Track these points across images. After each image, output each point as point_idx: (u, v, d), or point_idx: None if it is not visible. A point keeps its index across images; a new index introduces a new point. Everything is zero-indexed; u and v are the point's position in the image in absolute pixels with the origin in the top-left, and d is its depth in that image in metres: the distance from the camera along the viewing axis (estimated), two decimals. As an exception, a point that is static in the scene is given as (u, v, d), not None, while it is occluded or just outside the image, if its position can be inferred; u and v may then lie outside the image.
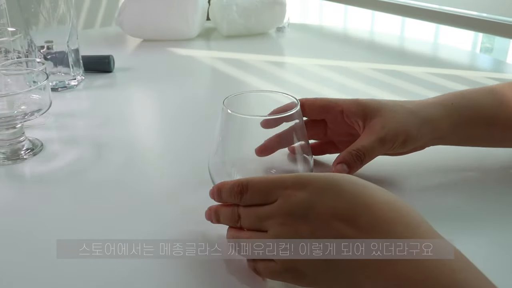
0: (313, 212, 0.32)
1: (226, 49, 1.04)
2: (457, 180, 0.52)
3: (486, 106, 0.50)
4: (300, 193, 0.33)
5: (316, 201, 0.33)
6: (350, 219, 0.32)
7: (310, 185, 0.33)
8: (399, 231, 0.31)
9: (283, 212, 0.34)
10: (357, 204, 0.32)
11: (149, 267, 0.39)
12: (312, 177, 0.34)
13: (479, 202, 0.48)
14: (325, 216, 0.32)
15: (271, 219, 0.34)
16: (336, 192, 0.33)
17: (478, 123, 0.49)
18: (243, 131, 0.42)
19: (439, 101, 0.50)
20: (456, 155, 0.55)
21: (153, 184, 0.53)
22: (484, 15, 1.22)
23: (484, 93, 0.51)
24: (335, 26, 1.37)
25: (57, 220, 0.46)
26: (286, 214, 0.33)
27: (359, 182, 0.34)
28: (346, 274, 0.32)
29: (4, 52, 0.71)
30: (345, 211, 0.32)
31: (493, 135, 0.51)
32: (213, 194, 0.39)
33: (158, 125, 0.70)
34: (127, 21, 1.06)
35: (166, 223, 0.46)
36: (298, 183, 0.34)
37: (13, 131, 0.56)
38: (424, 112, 0.48)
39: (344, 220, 0.32)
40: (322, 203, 0.33)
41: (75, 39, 0.80)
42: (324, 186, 0.33)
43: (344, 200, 0.33)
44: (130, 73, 0.89)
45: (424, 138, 0.48)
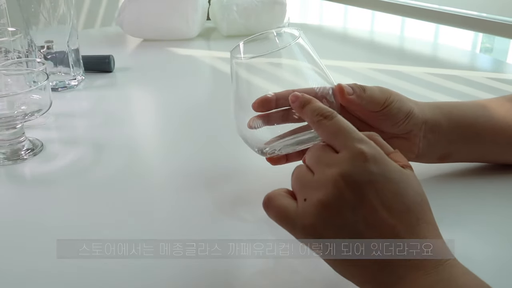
0: (371, 189, 0.32)
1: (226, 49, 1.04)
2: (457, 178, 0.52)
3: (474, 118, 0.50)
4: (369, 165, 0.32)
5: (380, 180, 0.32)
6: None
7: (383, 165, 0.32)
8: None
9: (342, 169, 0.32)
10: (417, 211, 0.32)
11: (149, 267, 0.39)
12: (386, 160, 0.33)
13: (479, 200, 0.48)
14: (376, 203, 0.31)
15: (330, 168, 0.33)
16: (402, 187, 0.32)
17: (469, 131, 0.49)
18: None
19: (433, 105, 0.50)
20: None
21: (153, 184, 0.53)
22: (484, 15, 1.22)
23: (474, 105, 0.52)
24: (335, 26, 1.37)
25: (57, 220, 0.46)
26: (344, 174, 0.32)
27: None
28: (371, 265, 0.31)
29: (4, 52, 0.71)
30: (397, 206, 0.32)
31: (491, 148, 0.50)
32: (297, 100, 0.38)
33: (158, 125, 0.70)
34: (127, 21, 1.06)
35: (166, 223, 0.46)
36: (373, 155, 0.32)
37: (13, 131, 0.56)
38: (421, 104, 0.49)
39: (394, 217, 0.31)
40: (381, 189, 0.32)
41: (75, 39, 0.80)
42: (392, 174, 0.32)
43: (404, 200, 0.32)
44: (130, 73, 0.89)
45: (421, 118, 0.47)
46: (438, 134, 0.48)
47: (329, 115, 0.35)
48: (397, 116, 0.46)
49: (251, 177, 0.53)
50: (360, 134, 0.34)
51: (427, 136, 0.47)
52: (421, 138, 0.47)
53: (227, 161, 0.57)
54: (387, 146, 0.36)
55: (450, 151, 0.50)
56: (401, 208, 0.32)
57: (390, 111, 0.45)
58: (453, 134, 0.48)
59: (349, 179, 0.32)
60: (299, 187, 0.34)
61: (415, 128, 0.46)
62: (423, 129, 0.47)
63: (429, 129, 0.47)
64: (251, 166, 0.55)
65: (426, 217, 0.32)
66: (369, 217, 0.31)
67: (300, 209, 0.33)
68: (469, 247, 0.41)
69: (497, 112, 0.50)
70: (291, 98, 0.38)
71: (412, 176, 0.34)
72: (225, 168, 0.55)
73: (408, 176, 0.33)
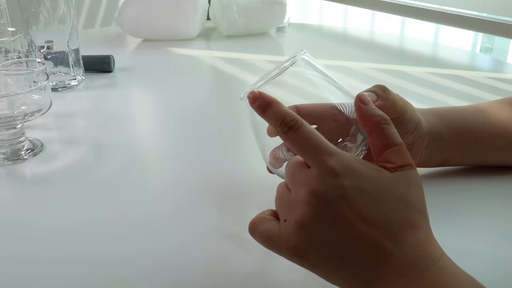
0: (344, 203, 0.31)
1: (226, 49, 1.04)
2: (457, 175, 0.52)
3: (471, 121, 0.50)
4: (339, 180, 0.31)
5: (352, 193, 0.31)
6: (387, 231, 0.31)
7: (355, 177, 0.32)
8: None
9: (313, 188, 0.31)
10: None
11: (149, 268, 0.39)
12: (359, 171, 0.32)
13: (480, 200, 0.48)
14: (352, 217, 0.31)
15: (303, 187, 0.32)
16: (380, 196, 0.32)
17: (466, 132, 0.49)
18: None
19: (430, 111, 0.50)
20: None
21: (153, 184, 0.53)
22: (484, 15, 1.22)
23: (475, 111, 0.51)
24: (335, 26, 1.37)
25: (57, 220, 0.46)
26: (315, 192, 0.31)
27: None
28: (356, 265, 0.31)
29: (4, 52, 0.71)
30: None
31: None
32: (257, 101, 0.35)
33: (158, 125, 0.70)
34: (127, 21, 1.06)
35: (166, 223, 0.46)
36: (343, 169, 0.32)
37: (13, 132, 0.56)
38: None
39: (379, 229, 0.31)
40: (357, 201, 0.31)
41: (75, 39, 0.80)
42: (367, 187, 0.32)
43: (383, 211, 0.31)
44: (130, 73, 0.89)
45: (426, 130, 0.46)
46: (439, 143, 0.48)
47: (293, 125, 0.33)
48: (409, 126, 0.45)
49: (251, 176, 0.53)
50: (329, 146, 0.33)
51: (429, 147, 0.47)
52: (423, 149, 0.47)
53: (227, 161, 0.57)
54: (392, 137, 0.35)
55: (449, 157, 0.50)
56: (379, 218, 0.31)
57: (404, 120, 0.44)
58: (453, 141, 0.48)
59: (321, 197, 0.31)
60: (279, 207, 0.35)
61: (419, 139, 0.46)
62: (426, 140, 0.47)
63: (431, 140, 0.47)
64: (251, 166, 0.55)
65: (411, 222, 0.32)
66: (347, 231, 0.31)
67: (282, 231, 0.33)
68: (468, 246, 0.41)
69: (498, 118, 0.50)
70: (249, 95, 0.35)
71: (394, 181, 0.33)
72: (225, 168, 0.55)
73: (389, 183, 0.32)
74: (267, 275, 0.39)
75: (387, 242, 0.30)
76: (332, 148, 0.33)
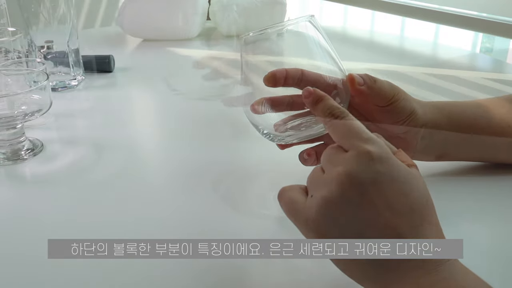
0: (375, 188, 0.31)
1: (226, 49, 1.04)
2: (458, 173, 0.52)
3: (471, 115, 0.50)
4: (374, 164, 0.32)
5: (385, 180, 0.32)
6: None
7: (390, 165, 0.32)
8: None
9: (347, 168, 0.32)
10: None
11: (149, 267, 0.39)
12: (393, 160, 0.33)
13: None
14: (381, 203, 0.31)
15: (336, 167, 0.33)
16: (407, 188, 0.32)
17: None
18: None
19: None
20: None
21: (152, 184, 0.53)
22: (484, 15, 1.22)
23: (474, 106, 0.52)
24: (335, 26, 1.37)
25: (57, 220, 0.46)
26: (348, 172, 0.32)
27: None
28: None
29: (4, 52, 0.71)
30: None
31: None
32: (310, 96, 0.38)
33: (158, 125, 0.70)
34: (127, 21, 1.06)
35: (165, 223, 0.46)
36: (379, 155, 0.32)
37: (13, 131, 0.56)
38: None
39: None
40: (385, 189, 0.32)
41: (75, 39, 0.80)
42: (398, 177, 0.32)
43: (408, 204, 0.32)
44: (130, 73, 0.89)
45: (421, 120, 0.47)
46: (437, 135, 0.48)
47: (340, 114, 0.36)
48: (400, 115, 0.46)
49: (252, 176, 0.53)
50: (369, 134, 0.34)
51: (426, 138, 0.47)
52: (418, 140, 0.47)
53: (227, 160, 0.57)
54: (390, 146, 0.36)
55: (447, 151, 0.50)
56: (405, 209, 0.31)
57: (394, 108, 0.46)
58: (452, 135, 0.48)
59: (354, 178, 0.32)
60: (310, 184, 0.35)
61: (412, 129, 0.47)
62: (422, 130, 0.47)
63: (428, 131, 0.47)
64: (251, 166, 0.55)
65: (430, 218, 0.32)
66: (371, 216, 0.31)
67: (307, 203, 0.33)
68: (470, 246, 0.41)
69: (497, 113, 0.50)
70: (304, 93, 0.38)
71: (418, 177, 0.34)
72: (225, 168, 0.55)
73: (415, 177, 0.33)
74: (268, 275, 0.39)
75: (407, 232, 0.31)
76: (372, 136, 0.34)
